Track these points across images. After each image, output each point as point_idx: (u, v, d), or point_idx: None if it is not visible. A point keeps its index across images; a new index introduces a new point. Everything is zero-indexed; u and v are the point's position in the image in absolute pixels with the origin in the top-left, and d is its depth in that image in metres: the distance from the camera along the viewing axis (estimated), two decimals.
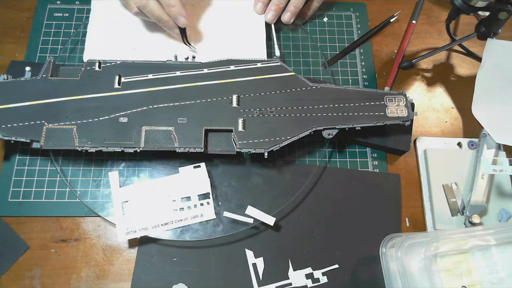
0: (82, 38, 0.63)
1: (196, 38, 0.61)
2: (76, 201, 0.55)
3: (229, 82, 0.55)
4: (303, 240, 0.55)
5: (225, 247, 0.54)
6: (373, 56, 0.68)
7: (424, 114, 0.65)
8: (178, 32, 0.58)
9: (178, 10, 0.55)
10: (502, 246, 0.53)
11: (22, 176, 0.56)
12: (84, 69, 0.54)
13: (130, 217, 0.53)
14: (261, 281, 0.53)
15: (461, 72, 0.69)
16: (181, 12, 0.56)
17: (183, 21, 0.56)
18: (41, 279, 0.52)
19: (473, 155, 0.60)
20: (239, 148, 0.52)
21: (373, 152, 0.61)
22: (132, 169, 0.57)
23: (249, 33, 0.62)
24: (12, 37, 0.64)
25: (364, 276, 0.54)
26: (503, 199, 0.58)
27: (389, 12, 0.71)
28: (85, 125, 0.52)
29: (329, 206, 0.57)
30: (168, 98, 0.54)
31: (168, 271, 0.52)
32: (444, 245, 0.52)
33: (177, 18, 0.56)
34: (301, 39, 0.67)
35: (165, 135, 0.52)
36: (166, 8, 0.55)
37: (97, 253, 0.53)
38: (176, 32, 0.58)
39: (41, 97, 0.52)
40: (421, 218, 0.58)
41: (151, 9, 0.55)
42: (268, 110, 0.54)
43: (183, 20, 0.56)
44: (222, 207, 0.56)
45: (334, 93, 0.56)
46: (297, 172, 0.58)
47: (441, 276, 0.51)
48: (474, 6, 0.59)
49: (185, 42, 0.59)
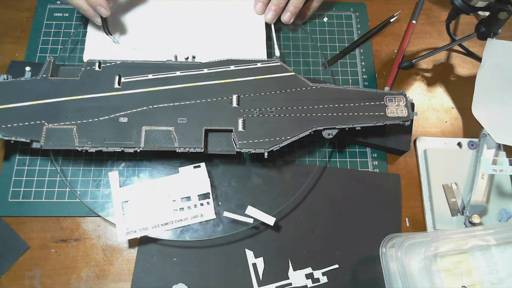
0: (82, 38, 0.63)
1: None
2: (76, 201, 0.55)
3: (229, 82, 0.55)
4: (303, 240, 0.55)
5: (225, 247, 0.54)
6: (373, 56, 0.68)
7: (424, 114, 0.65)
8: (99, 21, 0.58)
9: (97, 0, 0.55)
10: (502, 246, 0.53)
11: (22, 176, 0.56)
12: (83, 69, 0.54)
13: (130, 217, 0.53)
14: (261, 281, 0.53)
15: (461, 72, 0.69)
16: (100, 2, 0.56)
17: (103, 11, 0.56)
18: (41, 279, 0.52)
19: (473, 155, 0.60)
20: (239, 147, 0.52)
21: (373, 152, 0.61)
22: (131, 169, 0.57)
23: (249, 33, 0.62)
24: (12, 37, 0.64)
25: (364, 276, 0.54)
26: (503, 199, 0.58)
27: (389, 12, 0.71)
28: (85, 125, 0.52)
29: (329, 206, 0.57)
30: (168, 98, 0.54)
31: (168, 271, 0.52)
32: (443, 245, 0.52)
33: (97, 8, 0.56)
34: (301, 39, 0.67)
35: (165, 135, 0.52)
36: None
37: (97, 253, 0.53)
38: (98, 21, 0.58)
39: (41, 97, 0.52)
40: (421, 218, 0.58)
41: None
42: (267, 110, 0.54)
43: (102, 10, 0.56)
44: (222, 207, 0.56)
45: (334, 93, 0.56)
46: (297, 172, 0.58)
47: (441, 276, 0.51)
48: (474, 6, 0.59)
49: (106, 33, 0.59)
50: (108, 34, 0.59)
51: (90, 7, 0.56)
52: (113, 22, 0.61)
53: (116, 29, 0.60)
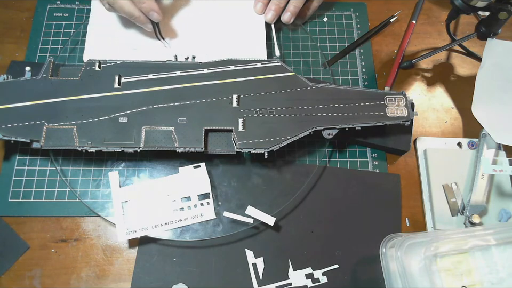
0: (82, 38, 0.63)
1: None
2: (76, 201, 0.55)
3: (229, 82, 0.55)
4: (303, 240, 0.55)
5: (225, 247, 0.54)
6: (373, 56, 0.68)
7: (424, 114, 0.65)
8: (151, 27, 0.58)
9: (150, 5, 0.55)
10: (502, 246, 0.53)
11: (22, 176, 0.56)
12: (83, 69, 0.54)
13: (130, 217, 0.53)
14: (261, 281, 0.53)
15: (461, 72, 0.69)
16: (153, 7, 0.55)
17: (155, 16, 0.56)
18: (41, 279, 0.52)
19: (473, 155, 0.60)
20: (239, 148, 0.52)
21: (373, 152, 0.61)
22: (132, 169, 0.57)
23: (249, 33, 0.62)
24: (12, 37, 0.64)
25: (364, 276, 0.54)
26: (503, 199, 0.58)
27: (389, 12, 0.71)
28: (85, 125, 0.52)
29: (329, 206, 0.57)
30: (168, 98, 0.54)
31: (168, 271, 0.52)
32: (444, 245, 0.52)
33: (149, 14, 0.56)
34: (301, 39, 0.67)
35: (165, 135, 0.52)
36: (137, 4, 0.55)
37: (97, 253, 0.53)
38: (149, 27, 0.58)
39: (41, 97, 0.52)
40: (421, 218, 0.58)
41: (121, 5, 0.55)
42: (267, 110, 0.54)
43: (155, 15, 0.56)
44: (222, 207, 0.56)
45: (334, 93, 0.56)
46: (297, 172, 0.58)
47: (441, 276, 0.51)
48: (474, 6, 0.59)
49: (159, 38, 0.59)
50: (160, 39, 0.59)
51: (141, 13, 0.56)
52: (114, 22, 0.61)
53: (117, 29, 0.60)
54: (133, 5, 0.55)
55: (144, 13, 0.56)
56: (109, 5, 0.56)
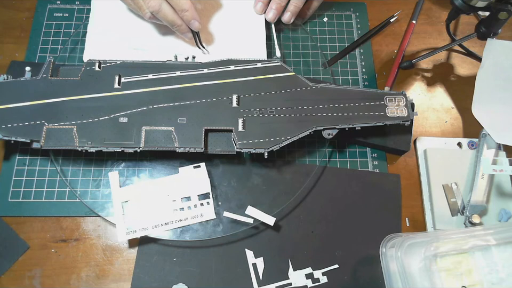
0: (82, 38, 0.63)
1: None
2: (76, 201, 0.55)
3: (229, 82, 0.55)
4: (303, 240, 0.55)
5: (225, 247, 0.54)
6: (373, 56, 0.68)
7: (424, 114, 0.65)
8: (191, 36, 0.58)
9: (192, 14, 0.55)
10: (502, 246, 0.53)
11: (22, 176, 0.56)
12: (83, 69, 0.54)
13: (130, 217, 0.53)
14: (261, 281, 0.53)
15: (461, 72, 0.69)
16: (195, 16, 0.56)
17: (196, 25, 0.57)
18: (41, 279, 0.52)
19: (473, 155, 0.60)
20: (239, 147, 0.52)
21: (373, 152, 0.61)
22: (132, 169, 0.57)
23: (249, 33, 0.62)
24: (12, 37, 0.64)
25: (364, 275, 0.54)
26: (503, 199, 0.58)
27: (389, 12, 0.71)
28: (85, 125, 0.52)
29: (329, 206, 0.57)
30: (168, 98, 0.54)
31: (168, 271, 0.52)
32: (444, 245, 0.52)
33: (190, 23, 0.56)
34: (301, 39, 0.67)
35: (165, 135, 0.52)
36: (180, 13, 0.55)
37: (97, 253, 0.53)
38: (189, 36, 0.58)
39: (41, 97, 0.52)
40: (421, 218, 0.58)
41: (165, 14, 0.55)
42: (268, 110, 0.54)
43: (196, 24, 0.56)
44: (222, 207, 0.56)
45: (334, 93, 0.56)
46: (297, 172, 0.58)
47: (441, 276, 0.51)
48: (474, 6, 0.59)
49: (199, 46, 0.60)
50: (201, 47, 0.60)
51: (183, 22, 0.56)
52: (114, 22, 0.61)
53: (117, 29, 0.60)
54: (176, 13, 0.55)
55: (185, 21, 0.56)
56: (151, 14, 0.56)
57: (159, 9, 0.54)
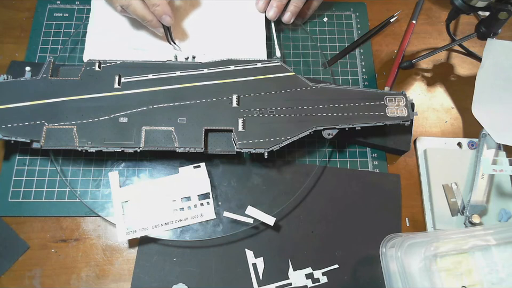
0: (82, 38, 0.63)
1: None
2: (76, 201, 0.55)
3: (229, 82, 0.55)
4: (303, 240, 0.55)
5: (225, 247, 0.54)
6: (373, 56, 0.68)
7: (424, 114, 0.65)
8: (162, 31, 0.58)
9: (163, 9, 0.55)
10: (502, 246, 0.53)
11: (22, 176, 0.56)
12: (83, 69, 0.54)
13: (130, 217, 0.53)
14: (261, 281, 0.53)
15: (461, 72, 0.69)
16: (166, 11, 0.55)
17: (168, 20, 0.56)
18: (41, 279, 0.52)
19: (473, 155, 0.60)
20: (239, 147, 0.52)
21: (373, 152, 0.61)
22: (131, 169, 0.57)
23: (249, 33, 0.62)
24: (11, 37, 0.64)
25: (364, 275, 0.54)
26: (503, 199, 0.58)
27: (389, 12, 0.71)
28: (85, 125, 0.52)
29: (329, 206, 0.57)
30: (168, 98, 0.54)
31: (168, 271, 0.52)
32: (444, 245, 0.52)
33: (162, 18, 0.56)
34: (301, 39, 0.67)
35: (165, 135, 0.52)
36: (151, 7, 0.55)
37: (97, 253, 0.53)
38: (160, 31, 0.58)
39: (41, 97, 0.52)
40: (421, 218, 0.58)
41: (135, 8, 0.55)
42: (268, 110, 0.54)
43: (168, 19, 0.56)
44: (222, 207, 0.56)
45: (334, 93, 0.56)
46: (297, 172, 0.58)
47: (441, 276, 0.51)
48: (474, 6, 0.59)
49: (170, 42, 0.59)
50: (172, 43, 0.59)
51: (154, 17, 0.56)
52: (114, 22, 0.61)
53: (117, 29, 0.60)
54: (146, 8, 0.55)
55: (156, 16, 0.56)
56: (121, 8, 0.56)
57: (129, 3, 0.54)
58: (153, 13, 0.55)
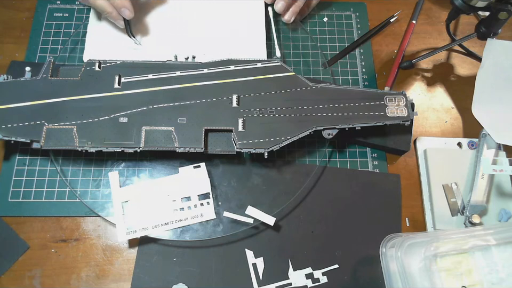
0: (82, 38, 0.63)
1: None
2: (76, 201, 0.55)
3: (229, 82, 0.55)
4: (303, 240, 0.55)
5: (225, 247, 0.54)
6: (373, 56, 0.68)
7: (424, 114, 0.65)
8: (123, 23, 0.58)
9: (121, 2, 0.56)
10: (502, 246, 0.53)
11: (22, 176, 0.56)
12: (83, 69, 0.54)
13: (130, 217, 0.53)
14: (261, 281, 0.53)
15: (461, 72, 0.69)
16: (125, 4, 0.56)
17: (127, 13, 0.57)
18: (41, 279, 0.52)
19: (473, 155, 0.60)
20: (239, 147, 0.52)
21: (373, 152, 0.61)
22: (132, 169, 0.57)
23: (249, 33, 0.62)
24: (12, 37, 0.64)
25: (364, 275, 0.54)
26: (503, 199, 0.58)
27: (389, 12, 0.71)
28: (85, 125, 0.52)
29: (329, 206, 0.57)
30: (168, 98, 0.54)
31: (168, 271, 0.52)
32: (444, 245, 0.52)
33: (121, 10, 0.56)
34: (301, 39, 0.67)
35: (165, 135, 0.52)
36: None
37: (97, 253, 0.53)
38: (121, 23, 0.58)
39: (41, 97, 0.52)
40: (421, 218, 0.58)
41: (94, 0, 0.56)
42: (267, 110, 0.54)
43: (127, 12, 0.56)
44: (222, 207, 0.56)
45: (334, 93, 0.56)
46: (297, 172, 0.58)
47: (441, 276, 0.51)
48: (474, 6, 0.59)
49: (129, 35, 0.60)
50: (131, 36, 0.60)
51: (114, 9, 0.56)
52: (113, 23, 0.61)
53: (117, 29, 0.60)
54: (106, 0, 0.55)
55: (116, 9, 0.56)
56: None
57: None
58: (112, 5, 0.56)
